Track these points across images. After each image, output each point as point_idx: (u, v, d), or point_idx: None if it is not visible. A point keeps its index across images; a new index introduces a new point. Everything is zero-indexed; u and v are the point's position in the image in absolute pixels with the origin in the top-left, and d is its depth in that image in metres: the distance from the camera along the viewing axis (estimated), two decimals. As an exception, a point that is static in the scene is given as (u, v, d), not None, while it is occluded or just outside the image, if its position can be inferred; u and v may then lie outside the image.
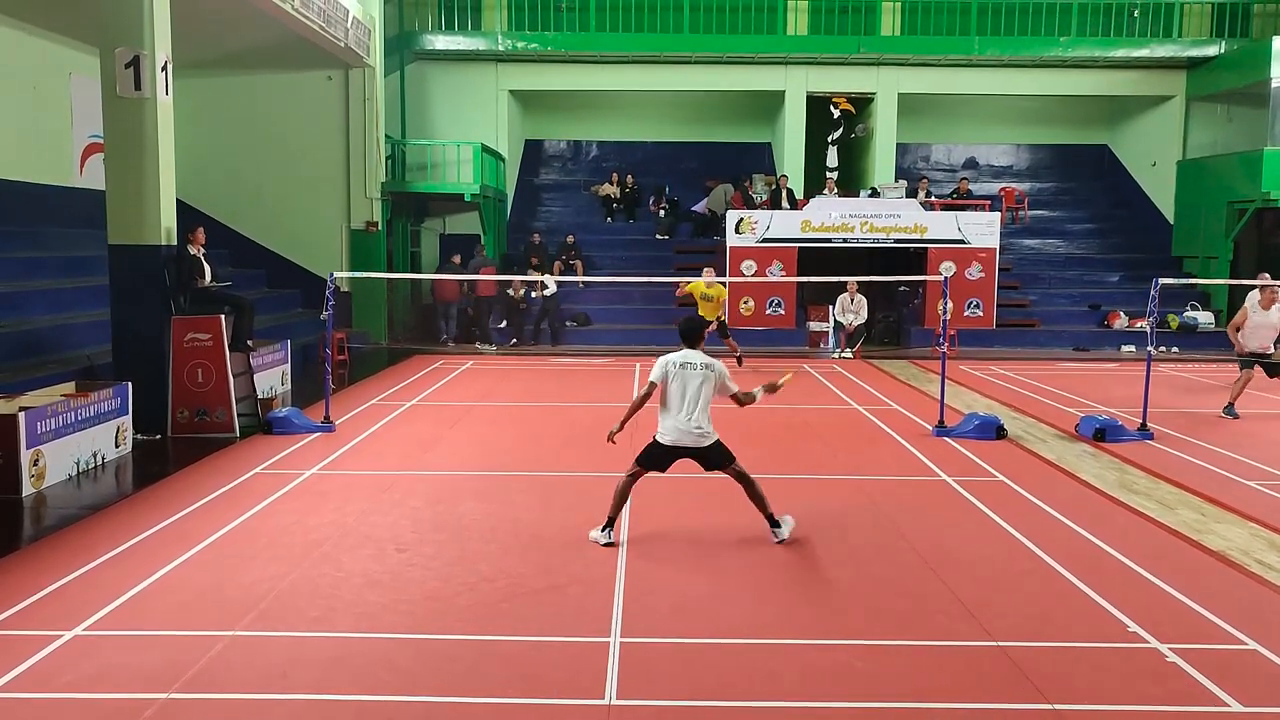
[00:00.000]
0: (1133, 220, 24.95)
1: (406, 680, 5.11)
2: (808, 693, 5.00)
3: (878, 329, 20.90)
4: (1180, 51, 23.11)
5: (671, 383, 7.18)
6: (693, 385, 7.13)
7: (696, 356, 7.24)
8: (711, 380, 7.17)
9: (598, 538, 7.33)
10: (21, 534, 7.74)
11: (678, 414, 7.14)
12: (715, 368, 7.22)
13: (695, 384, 7.13)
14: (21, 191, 15.17)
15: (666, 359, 7.28)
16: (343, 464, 9.89)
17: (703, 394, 7.13)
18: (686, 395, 7.12)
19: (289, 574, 6.61)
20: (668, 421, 7.20)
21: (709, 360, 7.25)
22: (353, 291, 20.01)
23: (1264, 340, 12.80)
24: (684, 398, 7.12)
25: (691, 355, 7.25)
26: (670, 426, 7.18)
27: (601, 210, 24.86)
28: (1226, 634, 5.78)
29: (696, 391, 7.12)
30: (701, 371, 7.16)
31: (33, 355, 11.92)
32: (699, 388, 7.12)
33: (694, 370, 7.16)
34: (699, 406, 7.12)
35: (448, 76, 23.39)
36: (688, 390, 7.12)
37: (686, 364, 7.19)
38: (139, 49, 10.86)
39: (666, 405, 7.20)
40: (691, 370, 7.16)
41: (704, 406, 7.15)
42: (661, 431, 7.24)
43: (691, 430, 7.12)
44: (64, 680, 5.06)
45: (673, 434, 7.17)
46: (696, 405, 7.11)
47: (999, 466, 9.91)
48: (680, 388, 7.14)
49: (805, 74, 23.50)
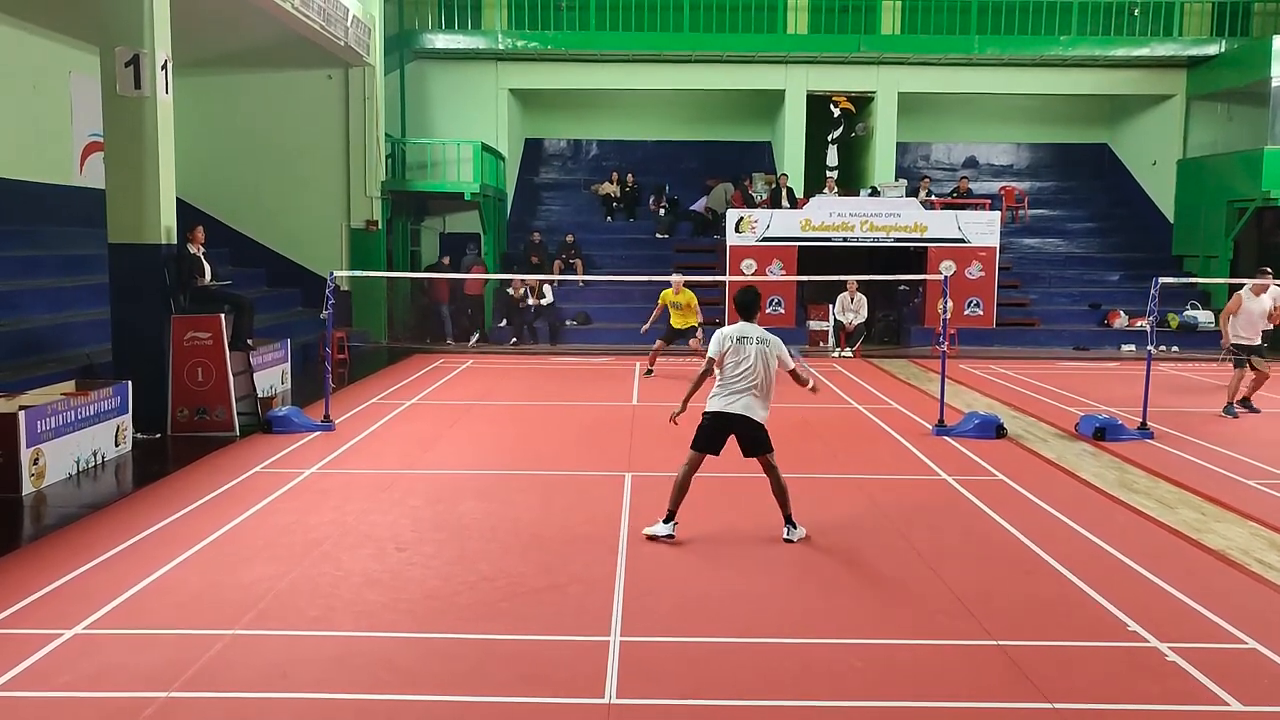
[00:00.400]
0: (1133, 219, 24.95)
1: (406, 679, 5.11)
2: (807, 692, 5.01)
3: (878, 328, 20.90)
4: (1180, 50, 23.10)
5: (728, 356, 7.19)
6: (749, 357, 7.13)
7: (753, 329, 7.24)
8: (768, 353, 7.18)
9: (658, 531, 7.32)
10: (21, 533, 7.74)
11: (733, 385, 7.16)
12: (771, 342, 7.23)
13: (751, 356, 7.13)
14: (21, 190, 15.17)
15: (723, 332, 7.31)
16: (342, 463, 9.89)
17: (758, 366, 7.12)
18: (741, 367, 7.13)
19: (289, 573, 6.61)
20: (720, 392, 7.21)
21: (765, 334, 7.26)
22: (353, 290, 20.01)
23: (1255, 327, 12.84)
24: (739, 369, 7.14)
25: (749, 328, 7.25)
26: (721, 396, 7.19)
27: (601, 209, 24.85)
28: (1226, 633, 5.78)
29: (752, 364, 7.12)
30: (757, 346, 7.16)
31: (33, 354, 11.91)
32: (754, 360, 7.12)
33: (750, 344, 7.16)
34: (756, 379, 7.13)
35: (448, 75, 23.38)
36: (743, 362, 7.14)
37: (744, 337, 7.20)
38: (139, 48, 10.85)
39: (722, 378, 7.22)
40: (748, 343, 7.16)
41: (761, 380, 7.15)
42: (710, 401, 7.26)
43: (744, 400, 7.12)
44: (63, 679, 5.06)
45: (722, 401, 7.17)
46: (751, 378, 7.12)
47: (999, 465, 9.92)
48: (735, 360, 7.16)
49: (805, 73, 23.49)
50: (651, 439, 11.00)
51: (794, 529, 7.40)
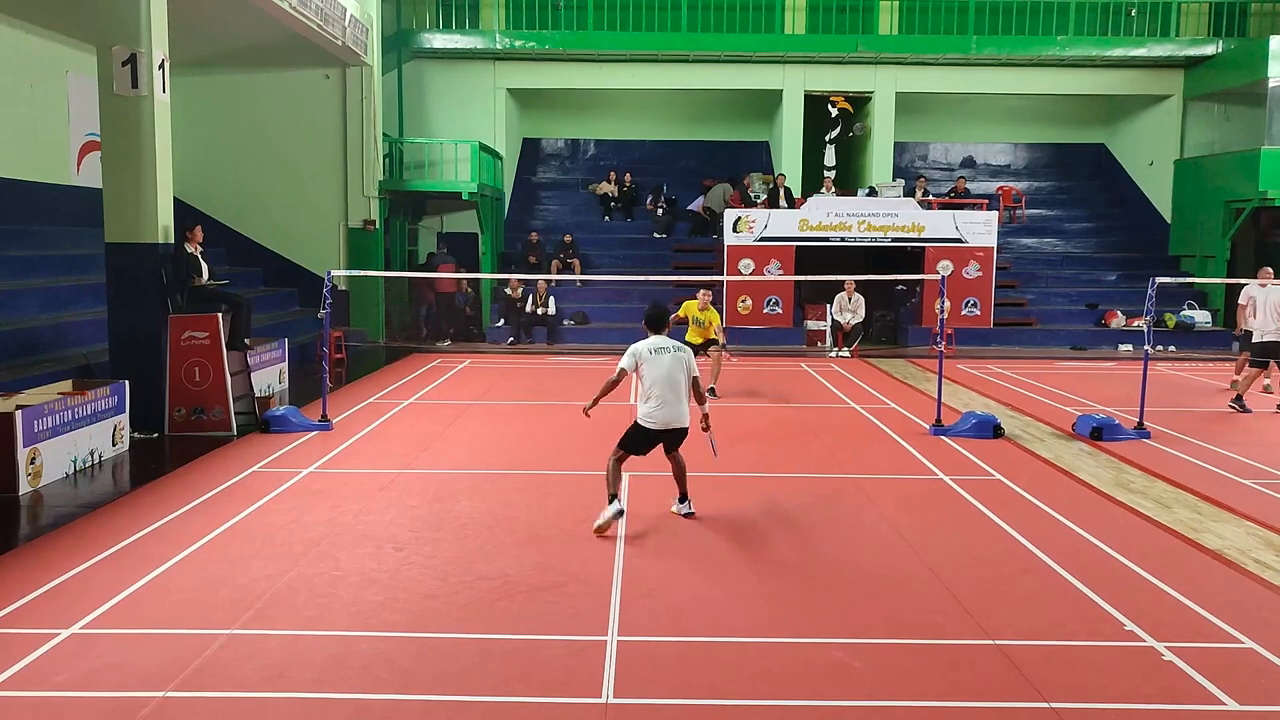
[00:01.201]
0: (1130, 219, 24.98)
1: (404, 679, 5.11)
2: (804, 692, 5.01)
3: (875, 328, 20.91)
4: (1177, 51, 23.13)
5: (645, 368, 7.50)
6: (665, 369, 7.46)
7: (666, 341, 7.63)
8: (683, 362, 7.54)
9: (606, 514, 7.46)
10: (18, 532, 7.73)
11: (658, 397, 7.46)
12: (685, 350, 7.64)
13: (667, 367, 7.46)
14: (18, 190, 15.15)
15: (636, 347, 7.61)
16: (340, 462, 9.88)
17: (677, 376, 7.48)
18: (661, 379, 7.45)
19: (286, 572, 6.60)
20: (648, 406, 7.52)
21: (678, 344, 7.66)
22: (350, 290, 20.02)
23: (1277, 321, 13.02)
24: (660, 381, 7.45)
25: (662, 340, 7.63)
26: (651, 411, 7.51)
27: (599, 209, 24.85)
28: (1223, 633, 5.79)
29: (669, 374, 7.46)
30: (673, 354, 7.53)
31: (30, 353, 11.90)
32: (671, 370, 7.46)
33: (665, 354, 7.52)
34: (677, 388, 7.49)
35: (445, 75, 23.37)
36: (661, 374, 7.46)
37: (658, 349, 7.54)
38: (136, 47, 10.84)
39: (646, 391, 7.53)
40: (663, 354, 7.51)
41: (680, 388, 7.50)
42: (643, 416, 7.58)
43: (670, 412, 7.48)
44: (60, 679, 5.06)
45: (655, 419, 7.51)
46: (672, 387, 7.47)
47: (996, 465, 9.92)
48: (653, 372, 7.47)
49: (803, 73, 23.49)
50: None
51: (684, 504, 7.89)
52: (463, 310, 20.98)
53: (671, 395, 7.47)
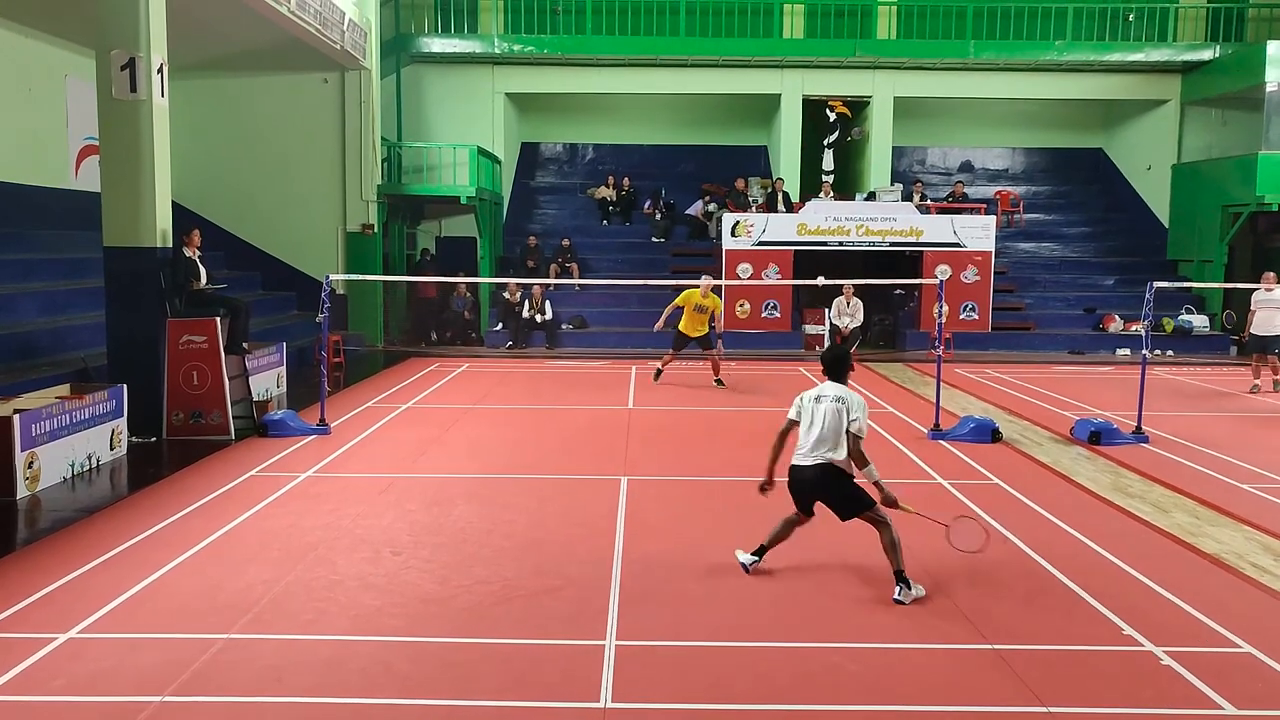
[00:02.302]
0: (1128, 224, 25.00)
1: (402, 683, 5.11)
2: (801, 696, 5.01)
3: (873, 332, 20.91)
4: (1175, 56, 23.16)
5: (802, 417, 6.68)
6: (819, 418, 6.56)
7: (831, 389, 6.67)
8: (842, 412, 6.51)
9: (743, 560, 6.85)
10: (16, 536, 7.72)
11: (801, 448, 6.65)
12: (848, 399, 6.56)
13: (821, 417, 6.55)
14: (16, 194, 15.16)
15: (801, 395, 6.81)
16: (338, 466, 9.88)
17: (829, 426, 6.51)
18: (812, 428, 6.59)
19: (284, 577, 6.60)
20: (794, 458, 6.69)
21: (842, 393, 6.62)
22: (348, 294, 20.00)
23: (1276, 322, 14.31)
24: (808, 430, 6.61)
25: (827, 388, 6.70)
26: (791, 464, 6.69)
27: (597, 213, 24.86)
28: (1221, 637, 5.79)
29: (822, 423, 6.54)
30: (831, 404, 6.56)
31: (28, 357, 11.90)
32: (824, 421, 6.53)
33: (823, 403, 6.60)
34: (824, 439, 6.52)
35: (444, 79, 23.38)
36: (814, 422, 6.58)
37: (820, 397, 6.66)
38: (134, 51, 10.84)
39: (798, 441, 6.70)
40: (819, 404, 6.62)
41: (830, 439, 6.51)
42: None
43: (811, 465, 6.57)
44: (58, 683, 5.05)
45: (791, 473, 6.70)
46: (820, 438, 6.53)
47: (994, 470, 9.92)
48: (808, 421, 6.63)
49: (801, 77, 23.51)
50: (647, 443, 11.01)
51: (907, 589, 6.37)
52: (460, 315, 20.99)
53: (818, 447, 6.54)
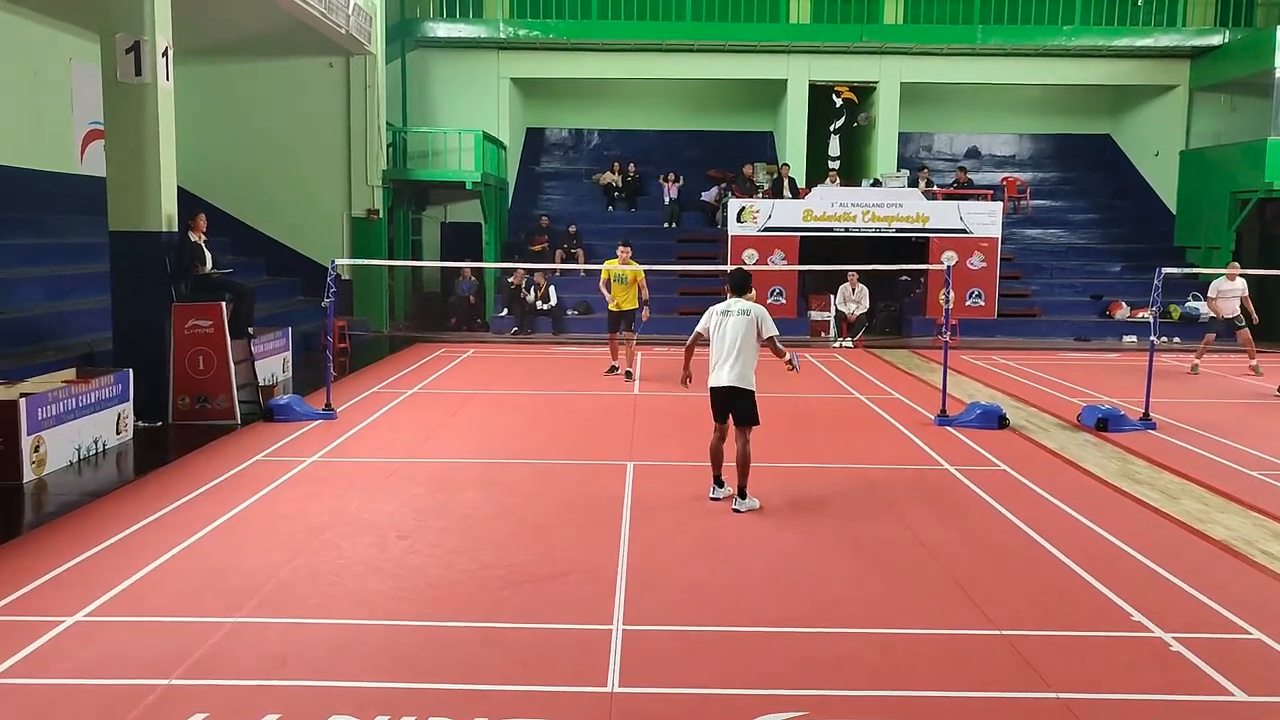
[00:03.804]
0: (1135, 210, 24.90)
1: (408, 667, 5.10)
2: (809, 681, 4.99)
3: (879, 319, 20.87)
4: (1184, 41, 23.04)
5: (714, 330, 7.68)
6: (731, 330, 7.58)
7: (737, 304, 7.71)
8: (751, 324, 7.58)
9: (714, 494, 7.94)
10: (22, 520, 7.73)
11: (717, 358, 7.67)
12: (753, 311, 7.62)
13: (732, 329, 7.58)
14: (22, 178, 15.14)
15: (711, 309, 7.81)
16: (344, 451, 9.87)
17: (741, 338, 7.55)
18: (725, 340, 7.60)
19: (290, 561, 6.60)
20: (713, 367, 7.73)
21: (748, 305, 7.66)
22: (354, 279, 19.99)
23: (1233, 307, 15.46)
24: (723, 342, 7.61)
25: (734, 303, 7.73)
26: (713, 370, 7.72)
27: (603, 199, 24.80)
28: (1230, 623, 5.76)
29: (735, 336, 7.56)
30: (738, 316, 7.61)
31: (34, 342, 11.90)
32: (737, 332, 7.56)
33: (732, 316, 7.62)
34: (737, 350, 7.57)
35: (449, 64, 23.31)
36: (726, 335, 7.59)
37: (727, 311, 7.68)
38: (140, 35, 10.80)
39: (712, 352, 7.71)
40: (729, 316, 7.63)
41: (742, 350, 7.57)
42: (710, 378, 7.77)
43: (728, 372, 7.59)
44: (65, 666, 5.06)
45: (715, 377, 7.70)
46: (735, 350, 7.57)
47: (1001, 456, 9.90)
48: (720, 334, 7.63)
49: (807, 63, 23.41)
50: (653, 428, 11.00)
51: (743, 500, 7.78)
52: (466, 300, 20.99)
53: (733, 356, 7.58)
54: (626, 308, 14.19)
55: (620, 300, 14.17)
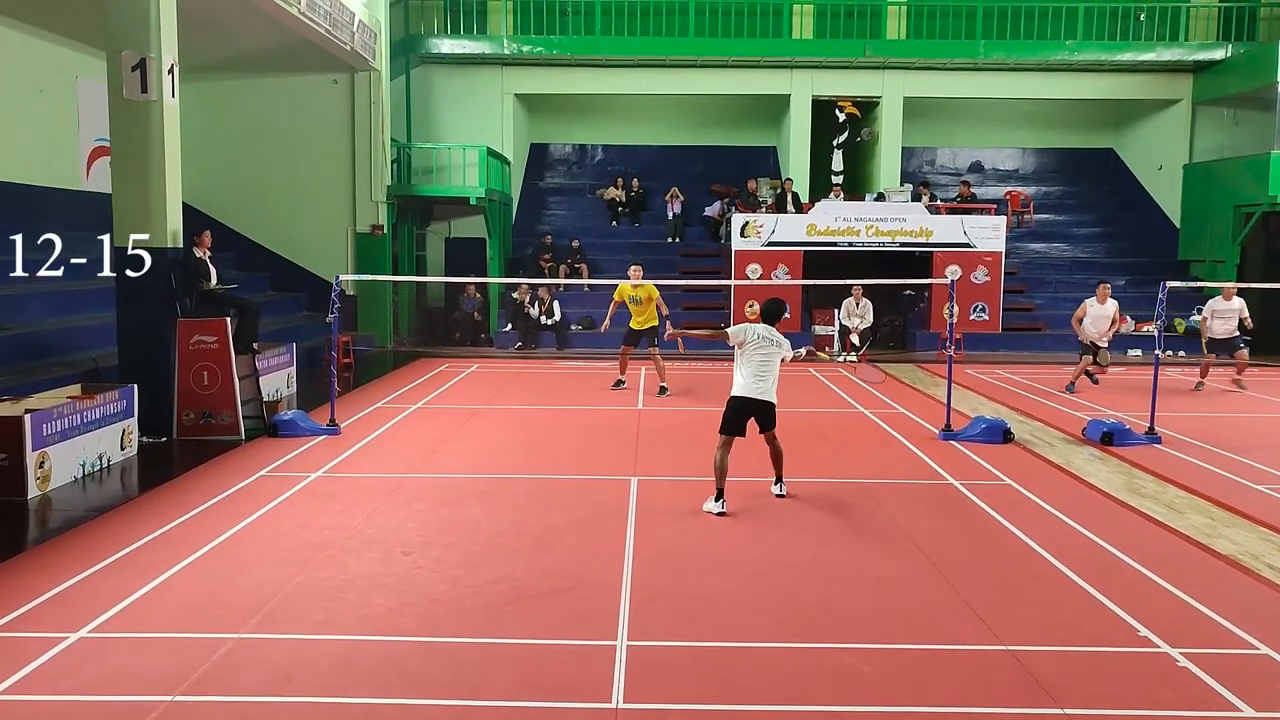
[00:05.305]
0: (1139, 224, 24.89)
1: (412, 683, 5.09)
2: (814, 696, 4.97)
3: (883, 333, 20.86)
4: (1187, 55, 23.08)
5: (749, 347, 8.46)
6: (764, 353, 8.48)
7: (772, 331, 8.59)
8: (782, 350, 8.60)
9: (711, 508, 8.15)
10: (27, 536, 7.74)
11: (750, 374, 8.43)
12: (777, 338, 8.57)
13: (765, 353, 8.48)
14: (29, 195, 15.19)
15: (749, 326, 8.63)
16: (348, 467, 9.87)
17: (774, 360, 8.52)
18: (761, 359, 8.46)
19: (295, 577, 6.59)
20: (740, 381, 8.47)
21: (775, 335, 8.58)
22: (358, 295, 20.02)
23: (1100, 329, 15.18)
24: (761, 362, 8.46)
25: (770, 329, 8.58)
26: (742, 385, 8.44)
27: (606, 214, 24.85)
28: (1238, 638, 5.74)
29: (770, 358, 8.48)
30: (774, 345, 8.56)
31: (38, 358, 11.93)
32: (772, 355, 8.51)
33: (771, 341, 8.53)
34: (771, 369, 8.47)
35: (453, 80, 23.40)
36: (764, 356, 8.47)
37: (768, 337, 8.53)
38: (145, 52, 10.87)
39: (742, 367, 8.51)
40: (768, 342, 8.51)
41: (773, 370, 8.50)
42: (735, 390, 8.48)
43: (758, 388, 8.41)
44: (69, 683, 5.05)
45: (743, 390, 8.43)
46: (768, 369, 8.46)
47: (1006, 470, 9.88)
48: (754, 353, 8.46)
49: (811, 78, 23.49)
50: (657, 443, 10.99)
51: (781, 484, 8.75)
52: (470, 316, 21.01)
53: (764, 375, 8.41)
54: (648, 326, 14.33)
55: (640, 319, 14.31)
